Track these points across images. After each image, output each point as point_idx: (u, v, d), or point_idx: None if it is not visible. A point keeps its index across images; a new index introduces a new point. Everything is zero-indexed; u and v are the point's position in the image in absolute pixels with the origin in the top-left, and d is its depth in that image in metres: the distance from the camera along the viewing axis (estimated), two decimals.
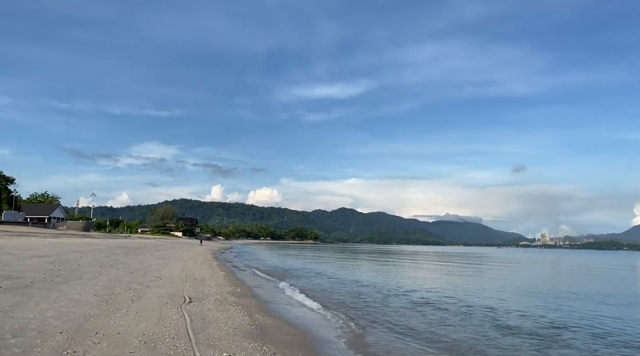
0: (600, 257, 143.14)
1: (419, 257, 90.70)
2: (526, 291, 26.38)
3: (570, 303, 21.31)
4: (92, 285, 14.35)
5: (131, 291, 14.00)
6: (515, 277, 39.69)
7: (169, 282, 18.45)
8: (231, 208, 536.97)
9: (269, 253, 77.15)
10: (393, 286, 26.30)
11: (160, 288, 15.94)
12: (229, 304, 14.31)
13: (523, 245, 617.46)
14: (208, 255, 53.11)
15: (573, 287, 29.82)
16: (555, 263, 78.52)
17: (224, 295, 16.55)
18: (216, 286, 19.50)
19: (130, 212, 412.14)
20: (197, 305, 13.02)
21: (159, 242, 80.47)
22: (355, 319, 14.91)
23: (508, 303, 20.17)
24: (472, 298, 21.72)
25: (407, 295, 22.12)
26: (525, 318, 16.36)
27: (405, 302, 19.63)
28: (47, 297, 11.07)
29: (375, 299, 20.32)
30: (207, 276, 23.89)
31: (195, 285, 18.82)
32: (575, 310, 18.82)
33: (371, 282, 28.39)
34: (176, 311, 11.40)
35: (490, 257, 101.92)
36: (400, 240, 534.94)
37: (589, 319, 16.59)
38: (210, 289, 17.96)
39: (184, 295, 14.71)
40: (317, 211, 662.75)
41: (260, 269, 37.58)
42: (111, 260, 26.66)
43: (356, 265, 51.86)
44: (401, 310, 17.54)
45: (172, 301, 13.12)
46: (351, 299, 20.12)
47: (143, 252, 40.89)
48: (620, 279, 41.69)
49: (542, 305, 20.13)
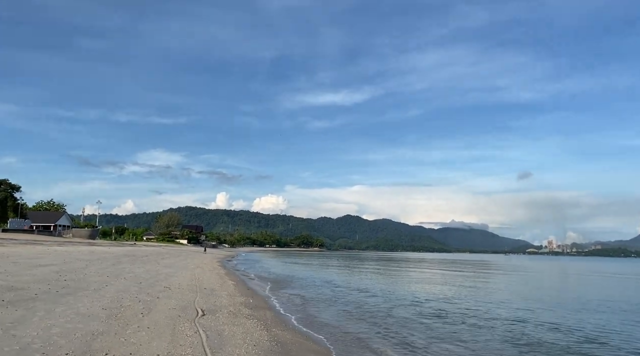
0: (612, 264, 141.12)
1: (428, 265, 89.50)
2: (558, 303, 25.43)
3: (598, 315, 20.34)
4: (100, 296, 13.61)
5: (140, 304, 13.24)
6: (537, 286, 38.66)
7: (179, 293, 17.68)
8: (236, 216, 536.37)
9: (274, 262, 76.26)
10: (409, 297, 25.41)
11: (171, 300, 15.16)
12: (243, 317, 13.52)
13: (530, 252, 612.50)
14: (215, 263, 52.35)
15: (593, 297, 28.80)
16: (565, 271, 77.15)
17: (237, 307, 15.77)
18: (227, 296, 18.72)
19: (135, 220, 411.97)
20: (211, 319, 12.25)
21: (165, 249, 79.80)
22: (370, 337, 14.08)
23: (536, 314, 19.25)
24: (493, 308, 20.82)
25: (427, 308, 21.22)
26: (555, 331, 15.47)
27: (426, 319, 18.74)
28: (53, 311, 10.32)
29: (395, 313, 19.46)
30: (216, 286, 23.11)
31: (206, 295, 18.04)
32: (605, 322, 17.88)
33: (385, 294, 27.52)
34: (190, 326, 10.63)
35: (500, 265, 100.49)
36: (406, 247, 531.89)
37: (620, 332, 15.67)
38: (221, 300, 17.18)
39: (195, 307, 13.93)
40: (323, 218, 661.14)
41: (267, 278, 36.77)
42: (118, 269, 25.94)
43: (366, 275, 50.92)
44: (419, 326, 16.67)
45: (184, 314, 12.35)
46: (371, 314, 19.27)
47: (149, 261, 40.18)
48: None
49: (570, 316, 19.19)
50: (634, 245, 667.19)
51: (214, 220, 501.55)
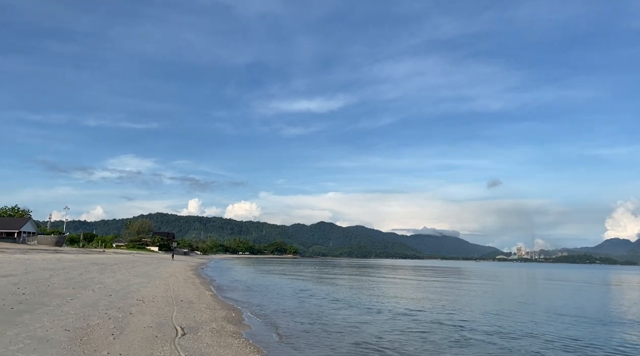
0: (577, 271, 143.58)
1: (403, 272, 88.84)
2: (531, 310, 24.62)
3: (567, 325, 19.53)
4: (63, 313, 11.90)
5: (111, 321, 11.61)
6: (508, 294, 38.10)
7: (154, 306, 16.02)
8: (209, 223, 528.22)
9: (248, 270, 73.87)
10: (400, 310, 24.21)
11: (145, 315, 13.53)
12: (229, 336, 12.02)
13: (500, 259, 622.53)
14: (188, 271, 50.24)
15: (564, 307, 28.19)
16: (534, 278, 77.50)
17: (220, 323, 14.23)
18: (207, 310, 17.14)
19: (105, 226, 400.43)
20: (193, 339, 10.73)
21: (136, 257, 76.87)
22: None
23: (516, 325, 18.28)
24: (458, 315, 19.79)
25: (420, 322, 20.02)
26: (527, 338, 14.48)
27: (415, 336, 17.53)
28: (3, 335, 8.65)
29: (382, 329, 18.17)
30: (194, 298, 21.44)
31: (184, 309, 16.43)
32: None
33: (363, 305, 26.26)
34: (170, 351, 9.11)
35: (473, 272, 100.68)
36: (379, 254, 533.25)
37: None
38: (202, 315, 15.60)
39: (174, 325, 12.37)
40: (297, 225, 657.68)
41: (243, 289, 35.10)
42: (85, 279, 23.97)
43: (343, 285, 49.61)
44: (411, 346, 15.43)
45: (162, 333, 10.80)
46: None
47: (120, 269, 38.04)
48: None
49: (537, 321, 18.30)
50: (598, 252, 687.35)
51: (186, 226, 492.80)
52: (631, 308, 27.48)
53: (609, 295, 40.99)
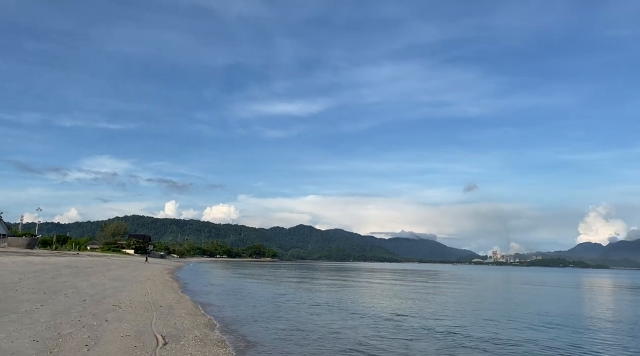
0: (551, 274, 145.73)
1: (382, 275, 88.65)
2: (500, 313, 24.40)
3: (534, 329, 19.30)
4: (32, 322, 10.95)
5: (85, 330, 10.71)
6: (488, 297, 38.04)
7: (131, 312, 15.09)
8: (186, 225, 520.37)
9: (225, 273, 72.44)
10: (383, 315, 23.65)
11: (122, 322, 12.62)
12: (214, 345, 11.21)
13: (476, 262, 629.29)
14: (166, 275, 48.93)
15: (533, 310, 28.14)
16: (509, 281, 78.14)
17: (203, 330, 13.41)
18: (188, 316, 16.26)
19: (79, 228, 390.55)
20: (175, 349, 9.92)
21: (111, 260, 74.80)
22: None
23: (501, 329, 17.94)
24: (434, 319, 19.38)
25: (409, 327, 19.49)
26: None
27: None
28: None
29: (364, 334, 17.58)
30: (173, 303, 20.50)
31: (164, 315, 15.54)
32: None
33: (342, 310, 25.67)
34: None
35: (451, 275, 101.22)
36: (357, 257, 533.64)
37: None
38: (183, 321, 14.74)
39: (154, 333, 11.52)
40: (275, 228, 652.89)
41: (218, 293, 34.15)
42: (58, 283, 22.79)
43: (322, 289, 48.95)
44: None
45: (141, 343, 9.96)
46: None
47: (94, 272, 36.71)
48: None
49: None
50: (571, 256, 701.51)
51: (163, 229, 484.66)
52: (603, 311, 27.60)
53: (581, 298, 41.35)
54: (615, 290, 56.59)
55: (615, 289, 59.61)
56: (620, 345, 15.39)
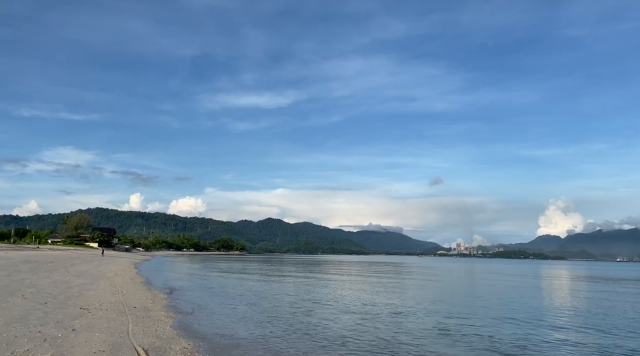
0: (511, 266, 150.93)
1: (349, 267, 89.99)
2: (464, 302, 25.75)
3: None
4: None
5: (47, 345, 9.23)
6: (454, 288, 39.53)
7: (103, 317, 13.88)
8: (151, 218, 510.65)
9: (191, 267, 71.85)
10: (351, 307, 24.50)
11: (94, 332, 11.31)
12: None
13: (440, 254, 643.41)
14: (133, 269, 48.43)
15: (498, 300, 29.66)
16: (472, 271, 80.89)
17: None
18: (169, 319, 15.68)
19: (39, 222, 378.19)
20: None
21: (74, 254, 73.22)
22: None
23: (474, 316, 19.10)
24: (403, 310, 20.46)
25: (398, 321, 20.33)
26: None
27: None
28: None
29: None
30: (148, 303, 19.59)
31: (141, 319, 14.55)
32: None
33: (320, 306, 26.42)
34: None
35: (418, 266, 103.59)
36: (326, 250, 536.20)
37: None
38: (164, 327, 13.79)
39: (134, 345, 10.26)
40: (243, 221, 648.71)
41: (192, 289, 34.29)
42: (15, 282, 21.35)
43: (292, 280, 49.65)
44: None
45: None
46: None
47: (56, 268, 35.97)
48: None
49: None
50: (532, 248, 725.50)
51: (127, 222, 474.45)
52: (557, 300, 29.34)
53: (540, 287, 43.52)
54: (572, 280, 59.68)
55: (571, 279, 62.73)
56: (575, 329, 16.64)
